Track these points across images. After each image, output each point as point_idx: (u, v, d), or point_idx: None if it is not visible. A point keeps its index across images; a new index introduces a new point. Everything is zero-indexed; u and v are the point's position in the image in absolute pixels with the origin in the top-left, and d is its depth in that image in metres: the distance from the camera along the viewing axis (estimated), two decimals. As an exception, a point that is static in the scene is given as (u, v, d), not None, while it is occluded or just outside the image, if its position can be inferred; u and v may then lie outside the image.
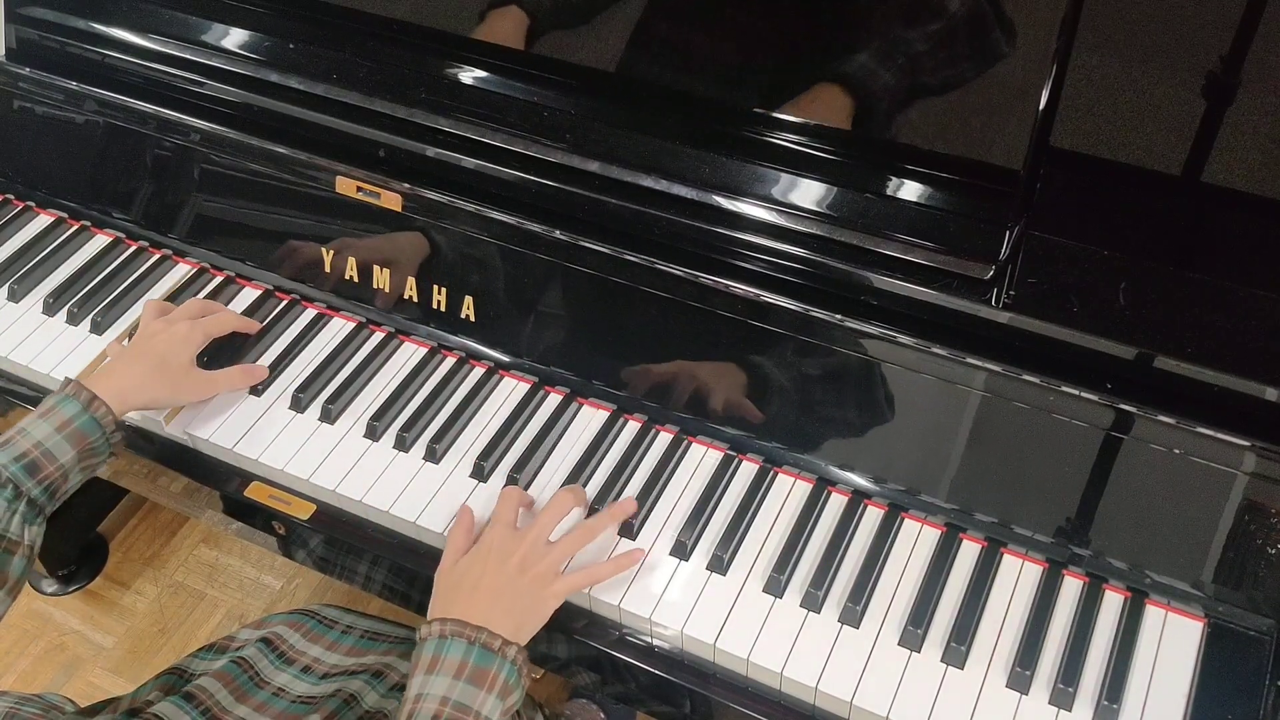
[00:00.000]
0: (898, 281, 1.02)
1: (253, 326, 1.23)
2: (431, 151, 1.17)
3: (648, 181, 1.10)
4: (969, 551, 1.04)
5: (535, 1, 1.14)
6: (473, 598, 0.93)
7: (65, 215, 1.39)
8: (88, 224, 1.37)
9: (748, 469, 1.10)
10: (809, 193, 1.06)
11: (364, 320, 1.25)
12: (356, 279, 1.23)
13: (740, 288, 1.06)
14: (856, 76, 1.03)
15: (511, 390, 1.18)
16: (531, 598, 0.95)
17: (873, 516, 1.07)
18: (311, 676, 1.10)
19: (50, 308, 1.28)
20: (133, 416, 1.17)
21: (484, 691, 0.86)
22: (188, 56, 1.28)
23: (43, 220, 1.39)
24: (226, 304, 1.28)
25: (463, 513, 1.05)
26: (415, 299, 1.21)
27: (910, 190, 1.04)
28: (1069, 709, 0.93)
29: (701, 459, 1.12)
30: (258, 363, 1.21)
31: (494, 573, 0.95)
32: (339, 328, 1.25)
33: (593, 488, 1.09)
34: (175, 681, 1.09)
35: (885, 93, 1.02)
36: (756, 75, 1.06)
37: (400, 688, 1.07)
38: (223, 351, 1.21)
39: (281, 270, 1.28)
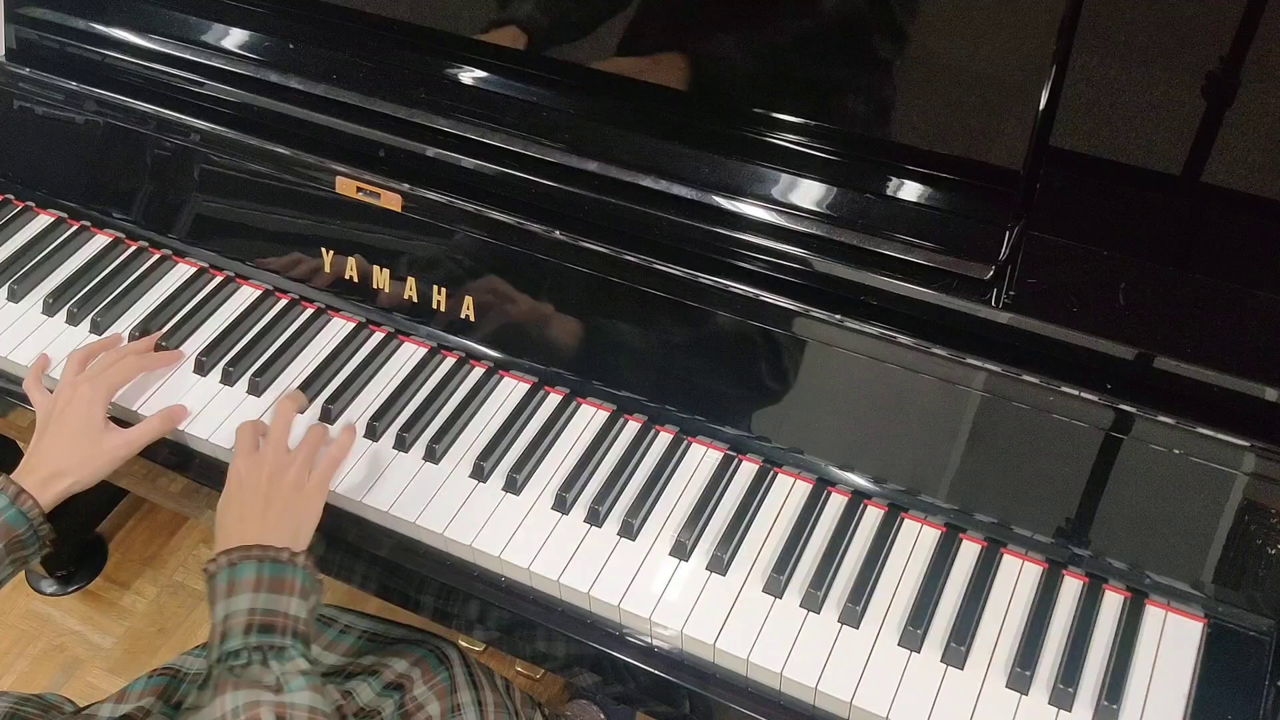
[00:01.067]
0: (897, 282, 1.02)
1: (161, 361, 1.19)
2: (431, 151, 1.17)
3: (647, 181, 1.10)
4: (969, 552, 1.04)
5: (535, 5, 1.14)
6: (242, 525, 0.97)
7: (65, 215, 1.39)
8: (88, 224, 1.37)
9: (748, 469, 1.10)
10: (809, 193, 1.06)
11: (364, 320, 1.25)
12: (356, 279, 1.23)
13: (740, 288, 1.06)
14: (856, 77, 1.03)
15: (511, 390, 1.18)
16: (294, 502, 0.99)
17: (873, 516, 1.07)
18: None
19: (50, 308, 1.28)
20: (129, 417, 1.17)
21: (285, 595, 0.90)
22: (187, 56, 1.28)
23: (43, 220, 1.39)
24: (224, 303, 1.28)
25: (244, 428, 1.08)
26: (415, 299, 1.21)
27: (910, 190, 1.04)
28: (1069, 709, 0.93)
29: (701, 459, 1.12)
30: (256, 363, 1.21)
31: (250, 496, 0.99)
32: (339, 328, 1.25)
33: (592, 488, 1.09)
34: (169, 682, 1.09)
35: (884, 93, 1.02)
36: (756, 75, 1.06)
37: (395, 686, 1.07)
38: (217, 351, 1.22)
39: (281, 270, 1.28)
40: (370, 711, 1.05)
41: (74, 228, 1.37)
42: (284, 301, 1.28)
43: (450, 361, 1.21)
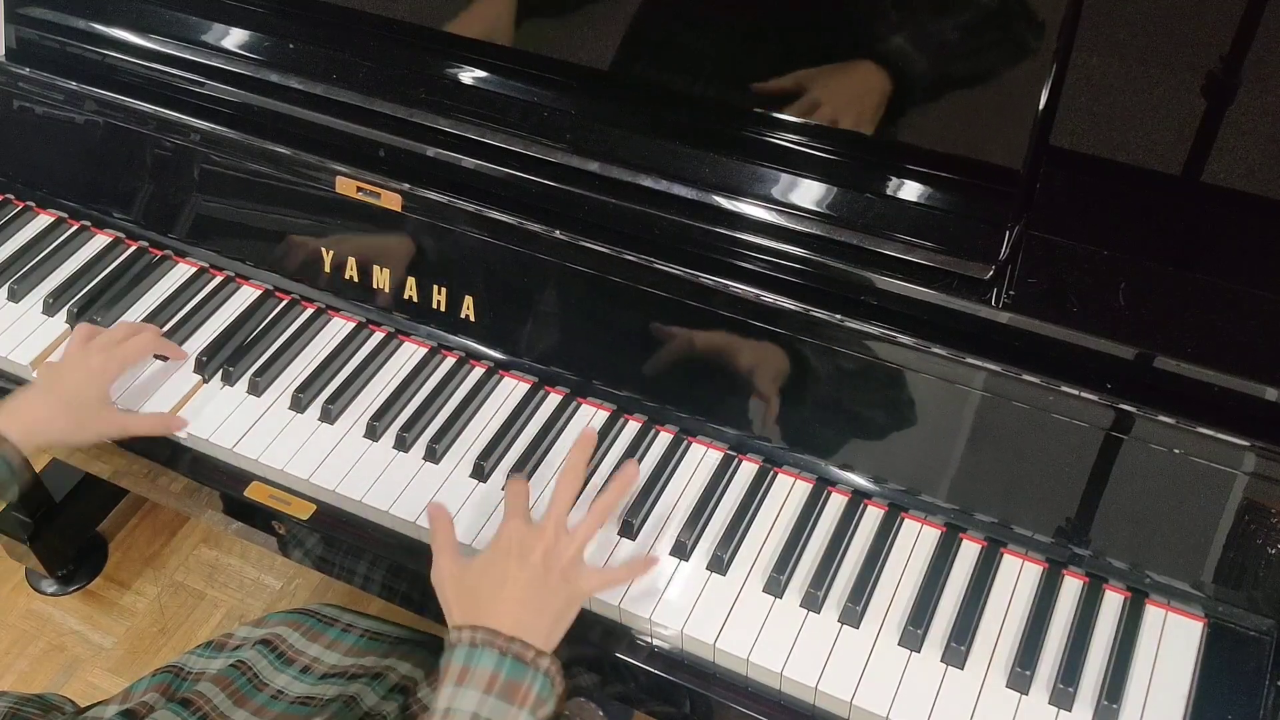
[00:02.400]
0: (897, 281, 1.02)
1: (177, 353, 1.19)
2: (431, 151, 1.17)
3: (647, 181, 1.10)
4: (969, 551, 1.04)
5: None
6: (498, 602, 0.88)
7: (65, 215, 1.39)
8: (88, 224, 1.37)
9: (748, 469, 1.10)
10: (809, 193, 1.06)
11: (364, 320, 1.25)
12: (356, 279, 1.23)
13: (740, 288, 1.06)
14: (856, 77, 1.03)
15: (511, 390, 1.18)
16: (562, 596, 0.90)
17: (873, 516, 1.07)
18: (310, 677, 1.10)
19: (50, 308, 1.28)
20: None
21: (515, 706, 0.82)
22: (188, 56, 1.28)
23: (43, 220, 1.39)
24: (224, 303, 1.28)
25: (435, 510, 0.99)
26: (415, 299, 1.21)
27: (910, 190, 1.04)
28: (1069, 709, 0.93)
29: (701, 459, 1.12)
30: (256, 363, 1.21)
31: (517, 572, 0.89)
32: (339, 328, 1.25)
33: (593, 488, 1.09)
34: (172, 680, 1.09)
35: (884, 93, 1.02)
36: (756, 75, 1.06)
37: (399, 688, 1.07)
38: (217, 351, 1.22)
39: (281, 270, 1.28)
40: (375, 715, 1.05)
41: (74, 228, 1.37)
42: (284, 301, 1.28)
43: (450, 361, 1.21)
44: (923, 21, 0.99)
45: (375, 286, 1.22)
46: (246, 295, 1.29)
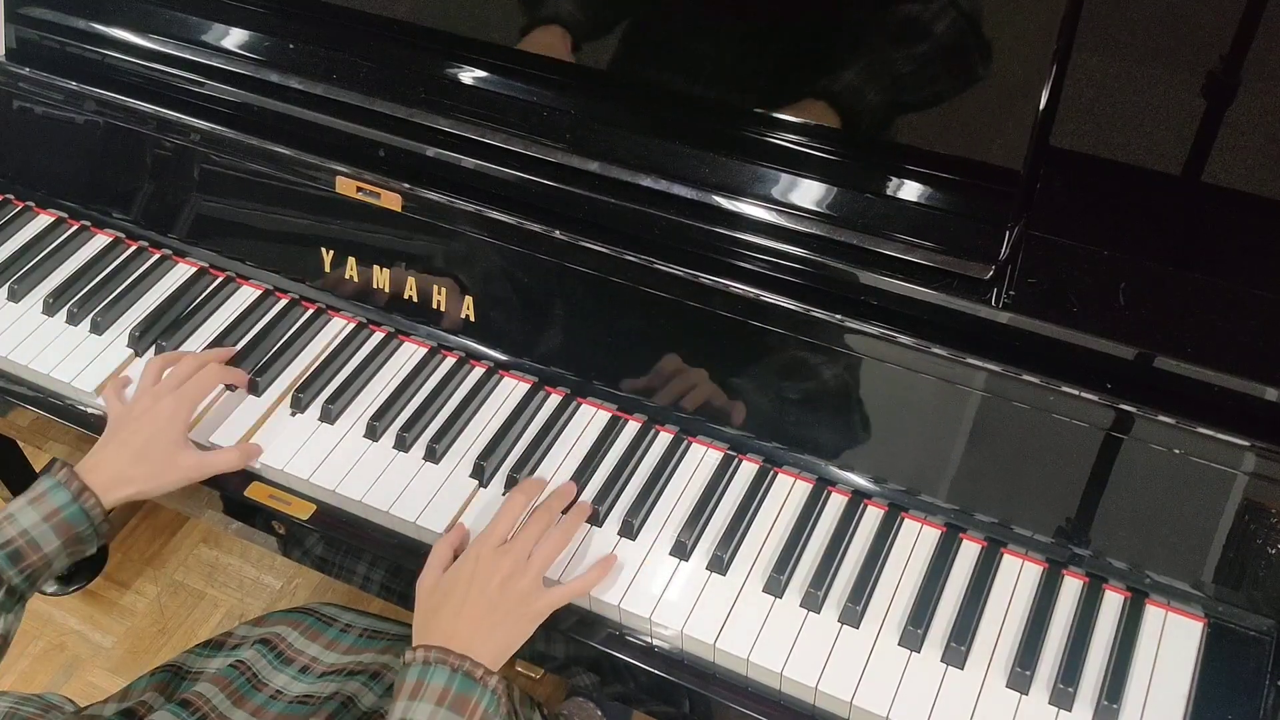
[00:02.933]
0: (897, 281, 1.02)
1: (240, 378, 1.18)
2: (431, 151, 1.17)
3: (647, 181, 1.10)
4: (969, 551, 1.04)
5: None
6: (456, 621, 0.93)
7: (65, 215, 1.39)
8: (88, 224, 1.37)
9: (748, 469, 1.10)
10: (809, 193, 1.06)
11: (364, 320, 1.25)
12: (356, 279, 1.23)
13: (740, 288, 1.06)
14: (857, 79, 1.03)
15: (511, 390, 1.18)
16: (515, 617, 0.95)
17: (873, 516, 1.07)
18: (309, 676, 1.10)
19: (50, 308, 1.28)
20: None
21: (464, 717, 0.87)
22: (188, 56, 1.28)
23: (43, 220, 1.39)
24: (224, 303, 1.28)
25: (457, 528, 1.05)
26: (415, 299, 1.21)
27: (910, 190, 1.04)
28: (1069, 709, 0.93)
29: (701, 459, 1.12)
30: (256, 363, 1.21)
31: (477, 595, 0.95)
32: (339, 328, 1.25)
33: (592, 488, 1.09)
34: (170, 679, 1.09)
35: (884, 93, 1.02)
36: (757, 75, 1.06)
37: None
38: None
39: (281, 270, 1.28)
40: (373, 714, 1.05)
41: (74, 228, 1.37)
42: (284, 301, 1.28)
43: (450, 361, 1.21)
44: (923, 22, 0.99)
45: (375, 286, 1.22)
46: (246, 295, 1.29)
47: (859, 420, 1.06)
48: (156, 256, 1.33)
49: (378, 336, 1.24)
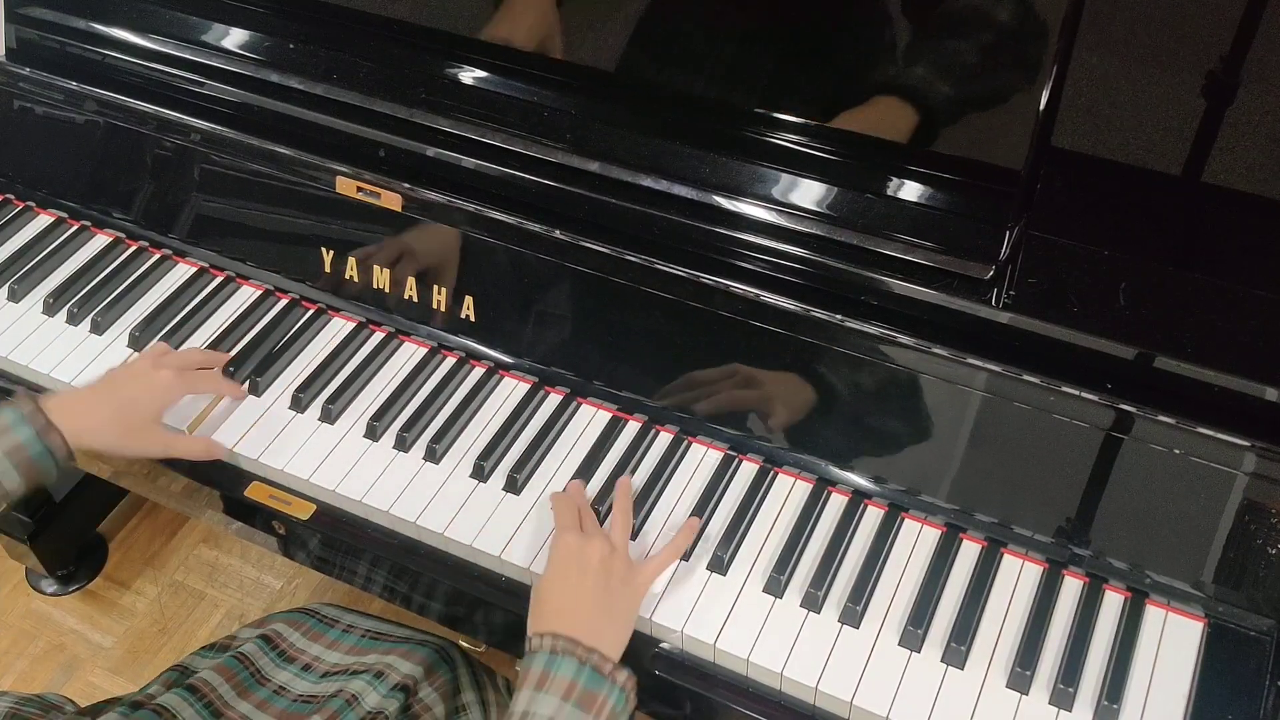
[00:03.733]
0: (898, 281, 1.02)
1: (238, 392, 1.18)
2: (431, 151, 1.17)
3: (648, 181, 1.10)
4: (969, 551, 1.04)
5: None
6: (574, 612, 0.91)
7: (65, 215, 1.39)
8: (88, 224, 1.37)
9: (748, 469, 1.10)
10: (809, 193, 1.06)
11: (364, 320, 1.25)
12: (356, 279, 1.23)
13: (740, 288, 1.06)
14: (856, 77, 1.03)
15: (511, 390, 1.18)
16: (626, 599, 0.94)
17: (873, 516, 1.07)
18: (312, 675, 1.10)
19: (50, 308, 1.28)
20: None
21: (591, 715, 0.84)
22: (188, 56, 1.28)
23: (43, 220, 1.39)
24: (224, 303, 1.28)
25: (573, 487, 1.05)
26: (415, 299, 1.21)
27: (910, 190, 1.04)
28: (1069, 709, 0.93)
29: (701, 459, 1.12)
30: (256, 363, 1.21)
31: (583, 580, 0.93)
32: (339, 328, 1.25)
33: (592, 488, 1.09)
34: (178, 678, 1.10)
35: (884, 93, 1.02)
36: (756, 75, 1.06)
37: (400, 687, 1.07)
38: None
39: (281, 270, 1.28)
40: (376, 714, 1.05)
41: (74, 228, 1.37)
42: (284, 301, 1.28)
43: (450, 361, 1.21)
44: (923, 22, 0.99)
45: (375, 286, 1.22)
46: (246, 295, 1.29)
47: (859, 420, 1.06)
48: (157, 256, 1.33)
49: (378, 336, 1.24)
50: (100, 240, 1.36)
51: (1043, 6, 0.94)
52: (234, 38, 1.27)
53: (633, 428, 1.14)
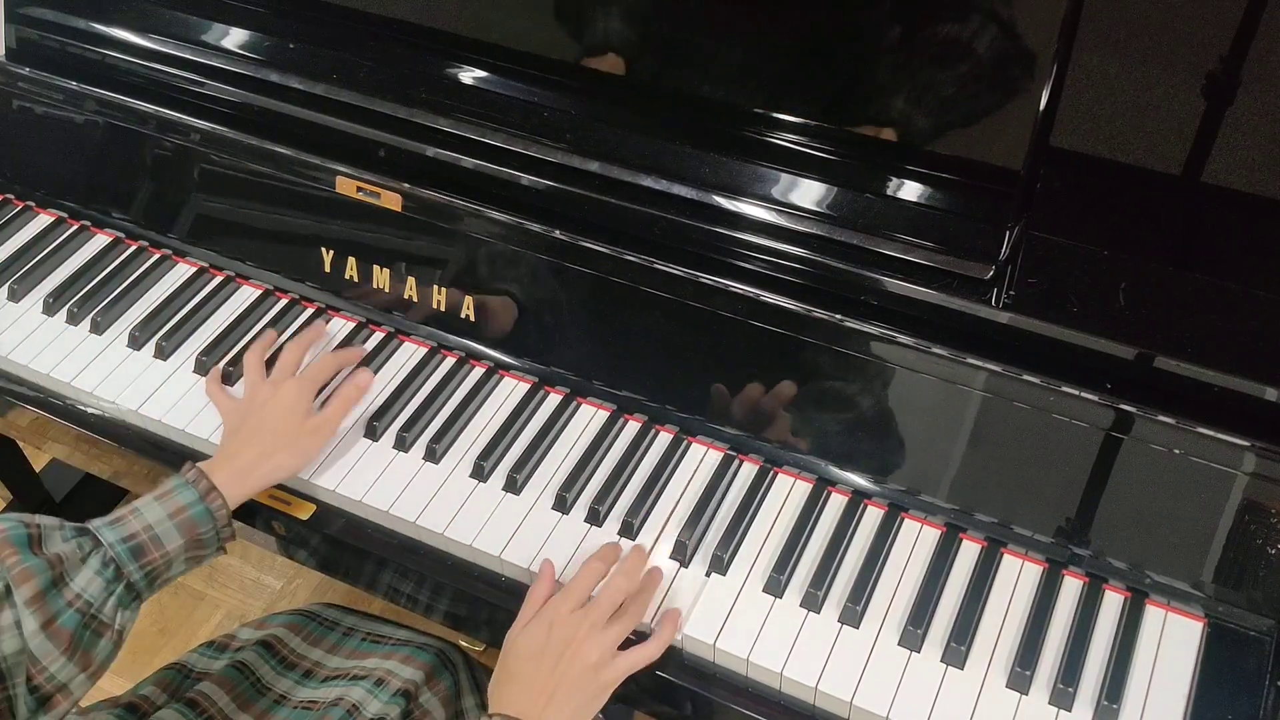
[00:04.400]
0: (898, 281, 1.02)
1: (355, 356, 1.19)
2: (431, 151, 1.17)
3: (648, 181, 1.10)
4: (969, 551, 1.04)
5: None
6: (528, 690, 0.92)
7: (65, 215, 1.39)
8: (88, 224, 1.37)
9: (748, 469, 1.10)
10: (809, 193, 1.06)
11: (364, 320, 1.25)
12: (356, 279, 1.23)
13: (740, 288, 1.06)
14: (856, 77, 1.03)
15: (511, 390, 1.18)
16: (587, 689, 0.93)
17: (873, 516, 1.07)
18: (313, 681, 1.10)
19: (50, 308, 1.28)
20: (130, 418, 1.17)
21: None
22: (188, 56, 1.28)
23: (43, 220, 1.39)
24: (224, 303, 1.28)
25: (545, 570, 1.01)
26: (415, 299, 1.21)
27: (910, 190, 1.04)
28: (1069, 709, 0.93)
29: (701, 459, 1.12)
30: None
31: (550, 666, 0.93)
32: (339, 328, 1.25)
33: (592, 488, 1.09)
34: (175, 678, 1.10)
35: (884, 93, 1.02)
36: (756, 75, 1.06)
37: (402, 694, 1.07)
38: (217, 351, 1.22)
39: (281, 270, 1.28)
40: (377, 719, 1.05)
41: (74, 227, 1.37)
42: (284, 301, 1.28)
43: (450, 361, 1.21)
44: (923, 22, 0.99)
45: (375, 286, 1.22)
46: (246, 295, 1.29)
47: (859, 420, 1.06)
48: (156, 256, 1.33)
49: (378, 336, 1.24)
50: (100, 240, 1.36)
51: (1043, 6, 0.94)
52: (234, 37, 1.27)
53: (633, 427, 1.14)
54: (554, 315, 1.16)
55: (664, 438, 1.13)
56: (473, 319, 1.19)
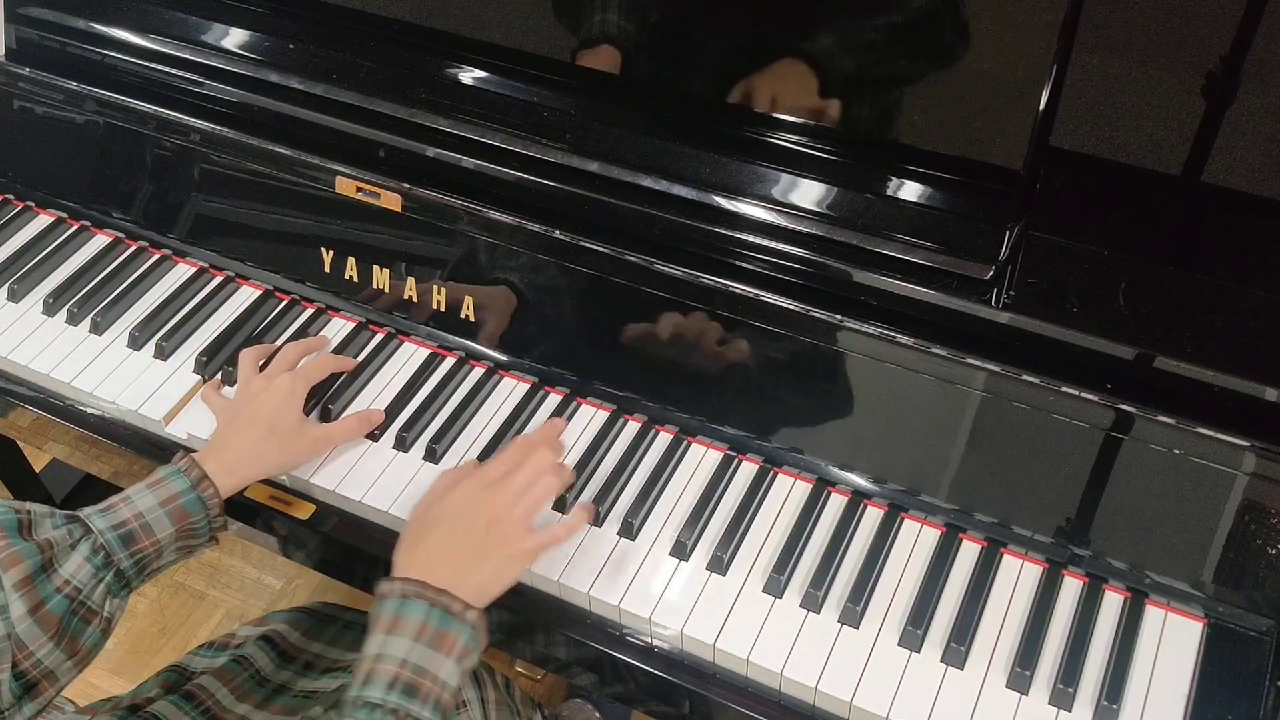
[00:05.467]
0: (897, 281, 1.02)
1: (349, 364, 1.18)
2: (431, 151, 1.17)
3: (648, 181, 1.10)
4: (969, 551, 1.04)
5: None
6: (436, 555, 0.92)
7: (65, 215, 1.39)
8: (88, 224, 1.37)
9: (748, 469, 1.10)
10: (809, 193, 1.06)
11: (364, 320, 1.25)
12: (356, 279, 1.23)
13: (740, 288, 1.06)
14: (857, 78, 1.03)
15: (511, 390, 1.18)
16: (498, 558, 0.93)
17: (873, 516, 1.07)
18: (312, 673, 1.10)
19: (50, 308, 1.28)
20: (130, 418, 1.17)
21: (442, 654, 0.85)
22: (187, 56, 1.28)
23: (43, 220, 1.39)
24: (224, 303, 1.28)
25: (465, 465, 1.03)
26: (415, 299, 1.21)
27: (910, 190, 1.04)
28: (1069, 709, 0.93)
29: (701, 459, 1.12)
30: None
31: (462, 531, 0.93)
32: (339, 328, 1.25)
33: (592, 488, 1.09)
34: (175, 679, 1.10)
35: (884, 93, 1.02)
36: (756, 75, 1.06)
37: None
38: (217, 351, 1.22)
39: (281, 270, 1.28)
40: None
41: (74, 228, 1.37)
42: (284, 301, 1.28)
43: (450, 361, 1.21)
44: (923, 21, 0.99)
45: (375, 286, 1.22)
46: (246, 295, 1.29)
47: (859, 420, 1.06)
48: (156, 257, 1.33)
49: (378, 337, 1.24)
50: (100, 240, 1.36)
51: (1043, 6, 0.94)
52: (234, 38, 1.27)
53: (633, 427, 1.14)
54: (554, 315, 1.16)
55: (664, 438, 1.13)
56: (473, 319, 1.19)
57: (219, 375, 1.20)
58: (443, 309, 1.20)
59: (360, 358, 1.22)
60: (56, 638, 0.89)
